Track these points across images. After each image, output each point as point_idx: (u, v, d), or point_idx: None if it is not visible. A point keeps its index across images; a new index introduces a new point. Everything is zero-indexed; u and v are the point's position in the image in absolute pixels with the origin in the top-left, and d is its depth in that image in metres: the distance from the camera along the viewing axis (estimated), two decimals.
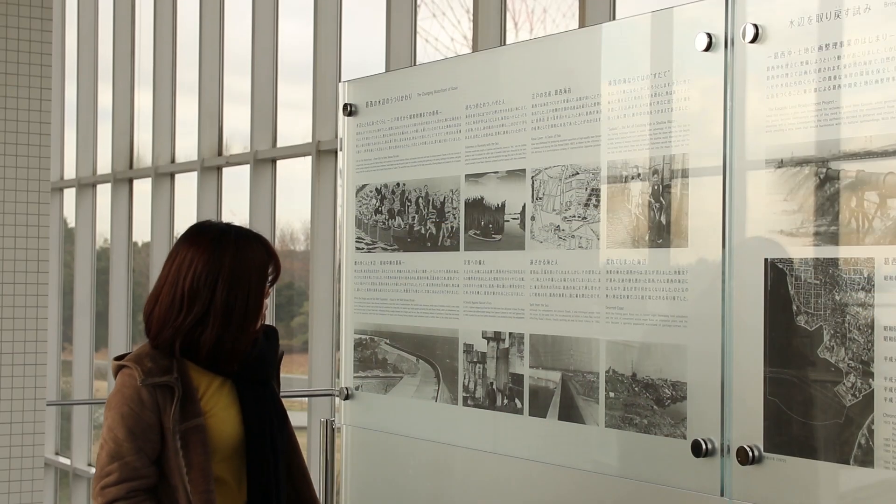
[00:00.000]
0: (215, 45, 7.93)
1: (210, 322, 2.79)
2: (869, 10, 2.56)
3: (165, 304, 2.81)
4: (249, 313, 2.84)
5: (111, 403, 2.75)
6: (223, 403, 2.87)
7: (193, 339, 2.79)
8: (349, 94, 4.07)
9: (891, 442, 2.49)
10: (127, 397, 2.74)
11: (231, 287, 2.80)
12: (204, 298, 2.78)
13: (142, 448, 2.73)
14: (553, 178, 3.27)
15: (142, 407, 2.73)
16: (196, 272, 2.78)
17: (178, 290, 2.79)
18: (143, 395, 2.73)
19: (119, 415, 2.73)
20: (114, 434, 2.72)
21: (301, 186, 6.98)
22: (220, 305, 2.79)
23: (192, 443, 2.75)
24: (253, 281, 2.85)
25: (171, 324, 2.79)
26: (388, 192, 3.85)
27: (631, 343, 3.06)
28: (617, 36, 3.20)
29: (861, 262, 2.55)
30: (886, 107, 2.51)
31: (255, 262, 2.86)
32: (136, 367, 2.74)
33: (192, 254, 2.81)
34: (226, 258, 2.81)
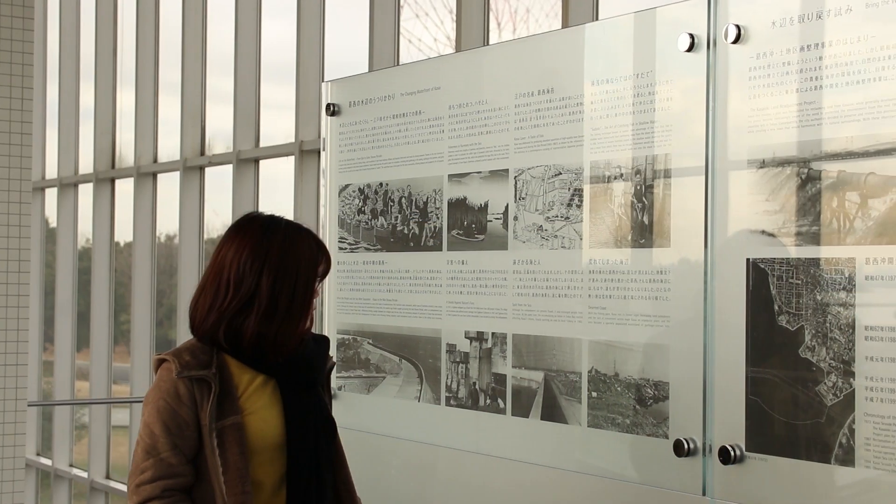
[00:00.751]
0: (198, 44, 7.91)
1: (254, 309, 2.67)
2: (850, 11, 2.57)
3: (211, 290, 2.71)
4: (295, 306, 2.72)
5: (148, 398, 2.66)
6: (264, 402, 2.74)
7: (237, 326, 2.68)
8: (332, 94, 4.07)
9: (871, 441, 2.50)
10: (164, 391, 2.64)
11: (277, 275, 2.69)
12: (249, 284, 2.68)
13: (178, 445, 2.62)
14: (536, 178, 3.27)
15: (178, 401, 2.62)
16: (242, 258, 2.69)
17: (223, 276, 2.70)
18: (179, 389, 2.63)
19: (155, 409, 2.63)
20: (150, 429, 2.62)
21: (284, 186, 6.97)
22: (266, 293, 2.68)
23: (228, 442, 2.64)
24: (301, 272, 2.73)
25: (217, 308, 2.68)
26: (371, 192, 3.85)
27: (613, 343, 3.06)
28: (600, 36, 3.21)
29: (842, 262, 2.56)
30: (867, 107, 2.52)
31: (303, 254, 2.75)
32: (174, 360, 2.65)
33: (239, 241, 2.73)
34: (273, 246, 2.71)
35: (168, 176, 8.40)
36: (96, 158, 9.30)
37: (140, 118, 8.58)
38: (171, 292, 8.53)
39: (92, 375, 9.29)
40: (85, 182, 9.62)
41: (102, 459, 9.12)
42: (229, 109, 7.39)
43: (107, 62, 9.25)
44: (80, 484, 9.43)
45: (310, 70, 6.63)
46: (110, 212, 9.23)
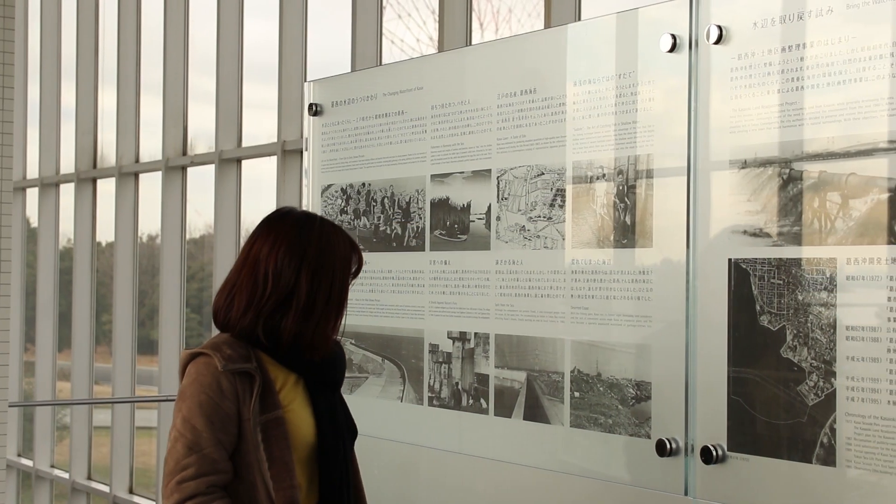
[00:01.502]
0: (180, 44, 7.89)
1: (293, 307, 2.59)
2: (831, 11, 2.58)
3: (247, 287, 2.61)
4: (332, 305, 2.65)
5: (186, 393, 2.55)
6: (299, 401, 2.66)
7: (274, 324, 2.59)
8: (315, 93, 4.06)
9: (853, 441, 2.51)
10: (205, 385, 2.53)
11: (315, 273, 2.61)
12: (288, 281, 2.59)
13: (221, 441, 2.52)
14: (518, 178, 3.27)
15: (221, 395, 2.53)
16: (280, 255, 2.60)
17: (260, 272, 2.60)
18: (222, 382, 2.53)
19: (197, 404, 2.52)
20: (191, 425, 2.51)
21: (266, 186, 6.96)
22: (304, 291, 2.59)
23: (273, 436, 2.57)
24: (337, 270, 2.66)
25: (255, 306, 2.59)
26: (353, 193, 3.84)
27: (596, 343, 3.06)
28: (582, 37, 3.21)
29: (823, 263, 2.57)
30: (848, 108, 2.53)
31: (339, 252, 2.67)
32: (216, 354, 2.55)
33: (274, 237, 2.63)
34: (311, 243, 2.63)
35: (150, 176, 8.38)
36: (78, 158, 9.28)
37: (122, 118, 8.56)
38: (153, 292, 8.51)
39: (73, 376, 9.26)
40: (66, 182, 9.59)
41: (84, 460, 9.09)
42: (211, 109, 7.37)
43: (88, 62, 9.22)
44: (62, 485, 9.40)
45: (292, 70, 6.62)
46: (92, 212, 9.20)
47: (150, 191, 8.39)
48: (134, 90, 8.48)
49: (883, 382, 2.47)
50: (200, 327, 8.15)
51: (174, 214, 7.87)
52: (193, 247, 8.17)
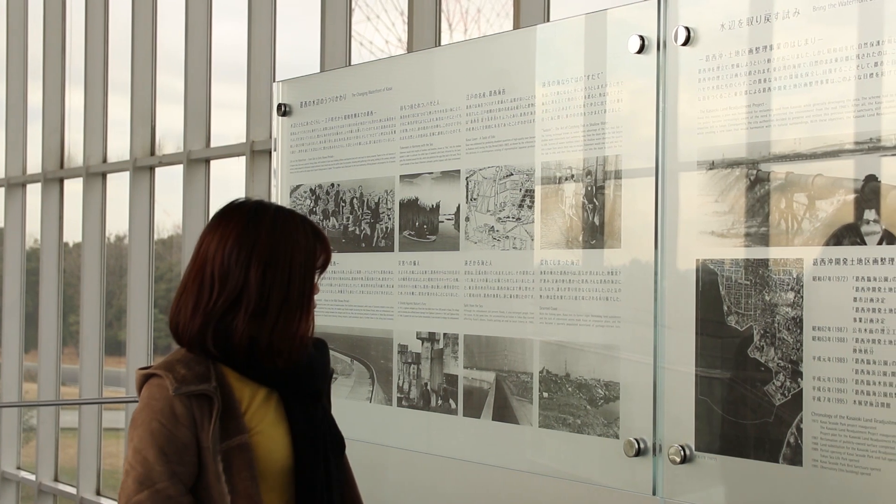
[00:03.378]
0: (148, 43, 7.85)
1: (242, 307, 2.31)
2: (798, 13, 2.60)
3: (194, 289, 2.34)
4: (291, 303, 2.35)
5: (137, 420, 2.28)
6: (270, 419, 2.38)
7: (224, 328, 2.31)
8: (283, 94, 4.05)
9: (819, 441, 2.53)
10: (157, 411, 2.26)
11: (267, 267, 2.32)
12: (236, 279, 2.31)
13: (176, 472, 2.24)
14: (487, 178, 3.28)
15: (175, 422, 2.25)
16: (226, 249, 2.32)
17: (206, 272, 2.33)
18: (176, 407, 2.26)
19: (148, 432, 2.25)
20: (142, 456, 2.24)
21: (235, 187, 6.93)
22: (255, 288, 2.31)
23: (236, 465, 2.28)
24: (295, 264, 2.36)
25: (202, 310, 2.32)
26: (322, 193, 3.84)
27: (564, 343, 3.07)
28: (551, 38, 3.22)
29: (790, 263, 2.58)
30: (814, 109, 2.55)
31: (298, 243, 2.38)
32: (168, 375, 2.27)
33: (222, 231, 2.35)
34: (261, 233, 2.34)
35: (118, 176, 8.33)
36: (44, 158, 9.21)
37: (89, 118, 8.50)
38: (121, 293, 8.46)
39: (40, 377, 9.19)
40: (33, 182, 9.52)
41: (51, 462, 9.03)
42: (180, 109, 7.34)
43: (55, 61, 9.16)
44: (28, 487, 9.33)
45: (261, 70, 6.60)
46: (59, 212, 9.13)
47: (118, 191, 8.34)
48: (101, 90, 8.43)
49: (849, 382, 2.49)
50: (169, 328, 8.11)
51: (142, 215, 7.82)
52: (162, 247, 8.12)
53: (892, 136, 2.43)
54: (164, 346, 7.99)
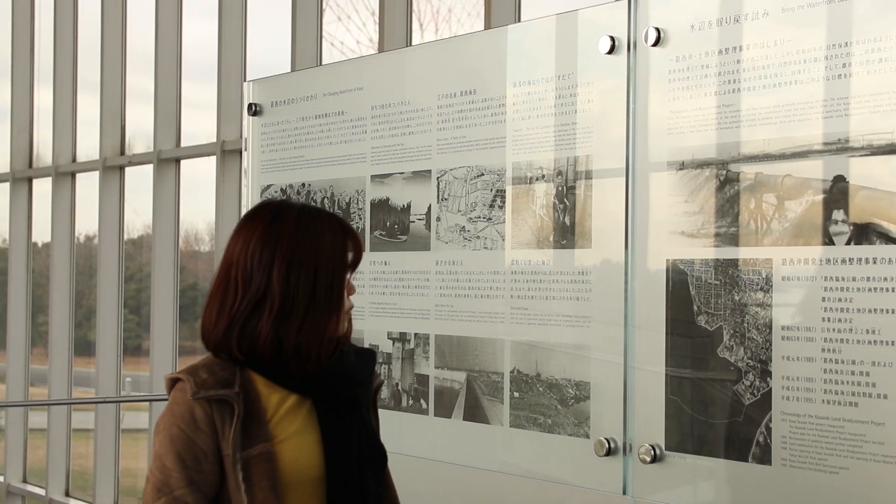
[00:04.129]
0: (117, 42, 7.80)
1: (266, 308, 2.22)
2: (767, 15, 2.61)
3: (219, 294, 2.27)
4: (318, 303, 2.25)
5: (159, 425, 2.21)
6: (297, 427, 2.27)
7: (250, 331, 2.22)
8: (254, 93, 4.04)
9: (788, 440, 2.54)
10: (177, 416, 2.18)
11: (291, 266, 2.23)
12: (259, 279, 2.23)
13: (195, 481, 2.16)
14: (458, 178, 3.28)
15: (195, 428, 2.17)
16: (250, 250, 2.25)
17: (231, 275, 2.25)
18: (196, 413, 2.18)
19: (168, 438, 2.18)
20: (161, 462, 2.17)
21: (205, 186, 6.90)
22: (279, 289, 2.22)
23: (256, 474, 2.18)
24: (321, 262, 2.26)
25: (227, 313, 2.24)
26: (293, 193, 3.83)
27: (535, 343, 3.07)
28: (522, 38, 3.22)
29: (760, 263, 2.60)
30: (783, 110, 2.56)
31: (323, 241, 2.28)
32: (189, 379, 2.20)
33: (246, 233, 2.28)
34: (284, 232, 2.26)
35: (87, 175, 8.28)
36: (13, 157, 9.15)
37: (58, 117, 8.45)
38: (90, 293, 8.41)
39: (9, 377, 9.13)
40: (1, 181, 9.46)
41: (19, 463, 8.97)
42: (150, 108, 7.30)
43: (24, 59, 9.10)
44: None
45: (232, 69, 6.58)
46: (28, 212, 9.08)
47: (88, 191, 8.29)
48: (71, 89, 8.38)
49: (817, 382, 2.50)
50: (139, 328, 8.07)
51: (112, 215, 7.78)
52: (132, 247, 8.09)
53: (860, 136, 2.44)
54: (134, 346, 7.96)
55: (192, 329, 7.63)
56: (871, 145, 2.42)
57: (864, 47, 2.45)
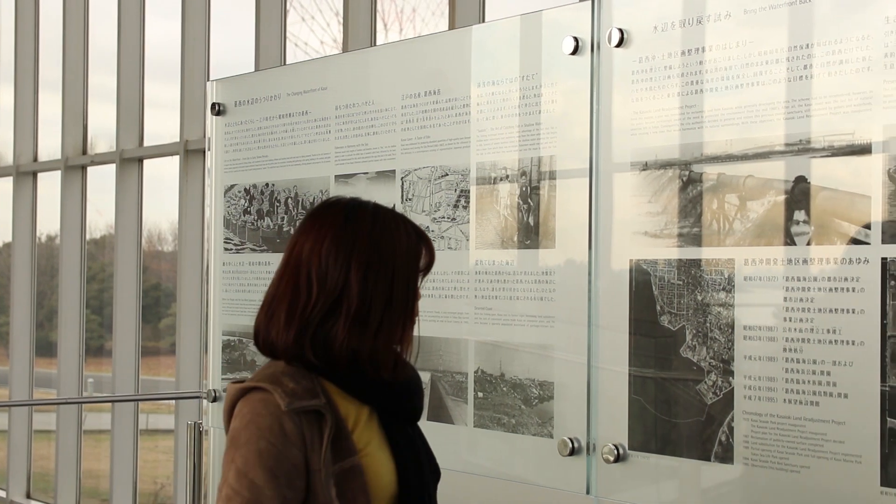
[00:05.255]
0: (80, 40, 7.75)
1: (343, 311, 2.07)
2: (729, 16, 2.62)
3: (287, 295, 2.10)
4: (395, 309, 2.12)
5: (240, 438, 2.01)
6: (376, 440, 2.14)
7: (324, 336, 2.08)
8: (218, 93, 4.02)
9: (750, 439, 2.55)
10: (264, 429, 2.00)
11: (368, 268, 2.09)
12: (335, 280, 2.07)
13: (287, 498, 1.99)
14: (422, 179, 3.28)
15: (285, 441, 1.99)
16: (324, 251, 2.09)
17: (302, 275, 2.10)
18: (286, 425, 2.00)
19: (255, 452, 1.98)
20: (248, 480, 1.97)
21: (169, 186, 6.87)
22: (356, 291, 2.07)
23: (349, 490, 2.04)
24: (398, 265, 2.13)
25: (298, 315, 2.08)
26: (257, 193, 3.81)
27: (499, 343, 3.08)
28: (486, 38, 3.22)
29: (722, 263, 2.61)
30: (746, 111, 2.58)
31: (399, 243, 2.14)
32: (276, 388, 2.02)
33: (317, 231, 2.12)
34: (361, 231, 2.11)
35: (49, 175, 8.23)
36: None
37: (19, 116, 8.39)
38: (52, 294, 8.35)
39: None
40: None
41: None
42: (112, 108, 7.26)
43: None
44: None
45: (195, 69, 6.55)
46: None
47: (49, 190, 8.24)
48: (32, 87, 8.32)
49: (779, 381, 2.52)
50: (101, 329, 8.02)
51: (74, 214, 7.73)
52: (94, 247, 8.04)
53: (821, 137, 2.46)
54: (97, 347, 7.92)
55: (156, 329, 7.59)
56: (831, 146, 2.44)
57: (824, 49, 2.47)
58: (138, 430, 7.08)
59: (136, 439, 7.05)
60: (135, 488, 7.05)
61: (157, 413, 8.21)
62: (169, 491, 7.13)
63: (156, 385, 7.59)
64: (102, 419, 7.78)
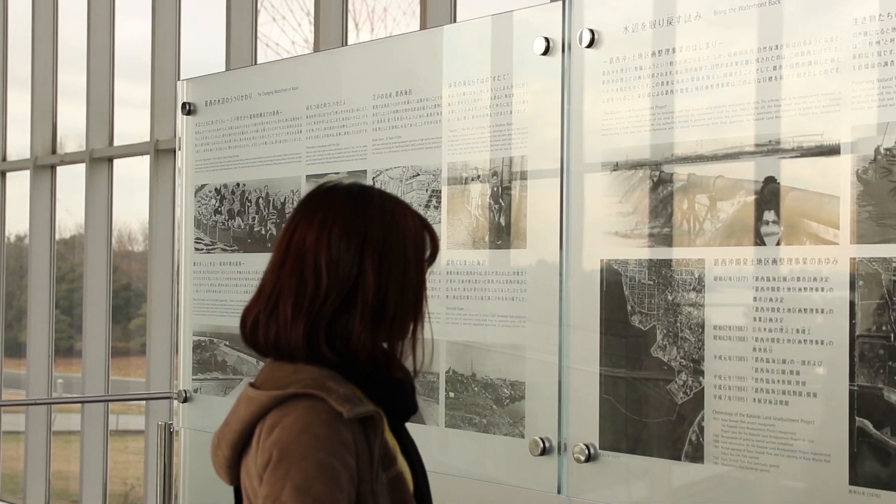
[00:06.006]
0: (49, 39, 7.71)
1: (358, 306, 1.89)
2: (699, 17, 2.63)
3: (292, 286, 1.90)
4: (407, 301, 1.95)
5: (294, 452, 1.78)
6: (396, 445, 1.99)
7: (339, 332, 1.89)
8: (188, 92, 4.01)
9: (720, 438, 2.57)
10: (322, 439, 1.79)
11: (383, 257, 1.91)
12: (348, 269, 1.88)
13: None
14: (394, 179, 3.27)
15: (344, 451, 1.80)
16: (334, 238, 1.89)
17: (308, 265, 1.89)
18: (343, 434, 1.81)
19: (315, 465, 1.76)
20: (311, 497, 1.74)
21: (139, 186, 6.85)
22: (372, 282, 1.89)
23: (399, 500, 1.91)
24: (409, 255, 1.95)
25: (306, 309, 1.88)
26: (227, 193, 3.80)
27: (471, 343, 3.08)
28: (457, 38, 3.22)
29: (692, 263, 2.62)
30: (715, 112, 2.59)
31: (409, 230, 1.96)
32: (328, 395, 1.83)
33: (322, 217, 1.92)
34: (372, 217, 1.92)
35: (18, 175, 8.18)
36: None
37: None
38: (21, 294, 8.30)
39: None
40: None
41: None
42: (82, 107, 7.22)
43: None
44: None
45: (165, 68, 6.53)
46: None
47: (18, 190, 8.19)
48: (1, 86, 8.27)
49: (748, 381, 2.53)
50: (71, 329, 7.97)
51: (43, 214, 7.69)
52: (64, 247, 8.00)
53: (790, 138, 2.47)
54: (66, 347, 7.87)
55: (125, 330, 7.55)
56: (801, 147, 2.46)
57: (793, 50, 2.48)
58: (108, 430, 7.05)
59: (106, 440, 7.01)
60: (105, 489, 7.02)
61: (127, 414, 8.17)
62: (139, 492, 7.10)
63: (126, 386, 7.55)
64: (72, 420, 7.74)
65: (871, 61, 2.37)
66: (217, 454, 1.98)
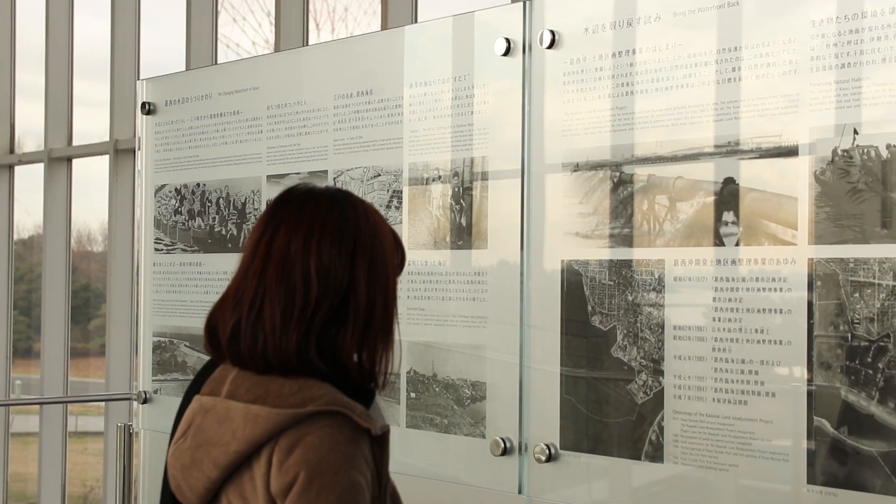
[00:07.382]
0: (6, 37, 7.64)
1: (350, 317, 1.84)
2: (659, 18, 2.64)
3: (280, 295, 1.82)
4: (388, 310, 1.91)
5: (324, 471, 1.73)
6: None
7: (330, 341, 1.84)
8: (148, 92, 3.98)
9: (679, 438, 2.58)
10: (350, 456, 1.75)
11: (371, 265, 1.86)
12: (340, 277, 1.83)
13: None
14: (355, 179, 3.27)
15: (366, 468, 1.78)
16: (324, 243, 1.83)
17: (297, 272, 1.82)
18: (365, 452, 1.78)
19: (348, 485, 1.72)
20: None
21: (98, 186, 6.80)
22: (364, 293, 1.84)
23: None
24: (388, 262, 1.91)
25: (298, 320, 1.81)
26: (187, 193, 3.78)
27: (432, 344, 3.08)
28: (418, 39, 3.22)
29: (652, 264, 2.63)
30: (675, 113, 2.60)
31: (388, 238, 1.94)
32: (351, 412, 1.79)
33: (308, 222, 1.85)
34: (359, 223, 1.88)
35: None
36: None
37: None
38: None
39: None
40: None
41: None
42: (40, 106, 7.16)
43: None
44: None
45: (125, 67, 6.48)
46: None
47: None
48: None
49: (708, 380, 2.54)
50: (29, 330, 7.91)
51: (1, 214, 7.62)
52: (22, 247, 7.93)
53: (749, 139, 2.49)
54: (24, 348, 7.80)
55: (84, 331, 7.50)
56: (759, 148, 2.47)
57: (752, 52, 2.49)
58: (67, 432, 6.99)
59: (65, 442, 6.96)
60: (63, 491, 6.97)
61: (86, 415, 8.11)
62: (98, 493, 7.05)
63: (85, 387, 7.49)
64: (30, 421, 7.67)
65: (829, 63, 2.39)
66: (191, 475, 1.87)
